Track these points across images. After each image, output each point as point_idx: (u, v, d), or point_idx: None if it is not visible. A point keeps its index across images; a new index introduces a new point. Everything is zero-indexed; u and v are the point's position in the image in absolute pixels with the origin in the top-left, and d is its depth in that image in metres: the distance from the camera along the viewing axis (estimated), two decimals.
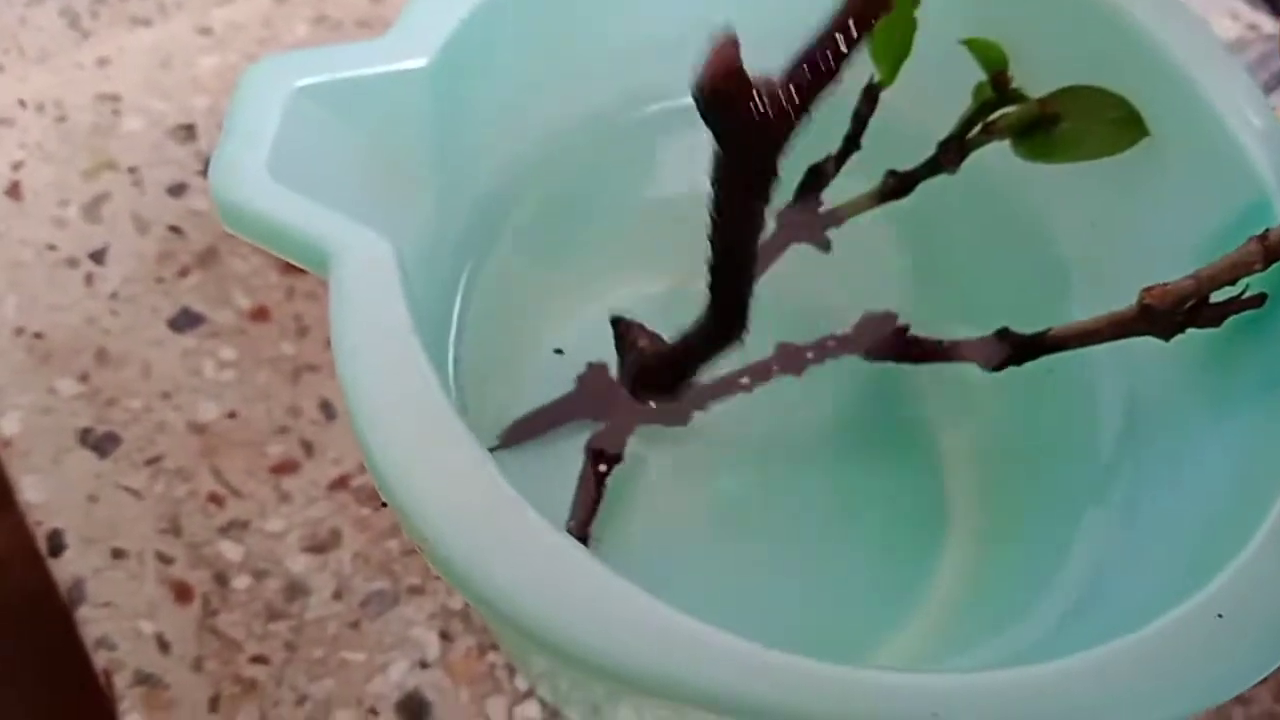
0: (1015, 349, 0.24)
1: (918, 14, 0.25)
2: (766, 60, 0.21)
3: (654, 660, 0.15)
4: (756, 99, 0.17)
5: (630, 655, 0.15)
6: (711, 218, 0.19)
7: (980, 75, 0.25)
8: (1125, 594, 0.22)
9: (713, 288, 0.21)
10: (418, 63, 0.19)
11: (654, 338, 0.25)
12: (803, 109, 0.17)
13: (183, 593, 0.29)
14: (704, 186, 0.28)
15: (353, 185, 0.19)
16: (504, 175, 0.24)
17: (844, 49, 0.17)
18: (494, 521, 0.15)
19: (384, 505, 0.22)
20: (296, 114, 0.18)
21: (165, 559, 0.29)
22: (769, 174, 0.18)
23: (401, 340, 0.16)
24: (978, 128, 0.25)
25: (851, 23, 0.17)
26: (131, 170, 0.35)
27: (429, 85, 0.20)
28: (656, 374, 0.25)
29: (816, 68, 0.17)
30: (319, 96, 0.19)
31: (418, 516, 0.15)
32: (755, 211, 0.19)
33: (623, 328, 0.25)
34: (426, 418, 0.16)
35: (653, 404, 0.26)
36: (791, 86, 0.17)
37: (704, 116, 0.17)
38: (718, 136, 0.18)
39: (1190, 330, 0.21)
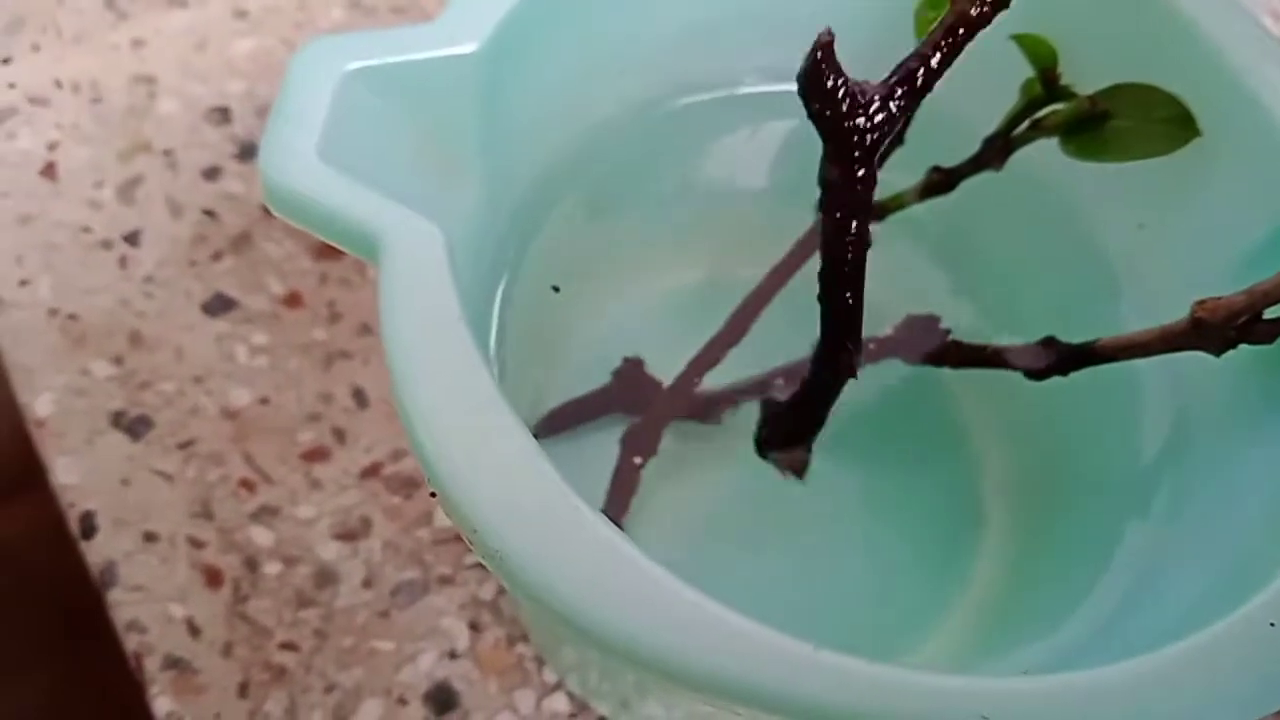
0: (1061, 358, 0.24)
1: None
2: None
3: (704, 659, 0.15)
4: (854, 102, 0.17)
5: (680, 653, 0.15)
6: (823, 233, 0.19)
7: (1026, 71, 0.25)
8: (1168, 603, 0.21)
9: (824, 314, 0.21)
10: (467, 48, 0.19)
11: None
12: (899, 116, 0.17)
13: (213, 578, 0.29)
14: (745, 177, 0.28)
15: (400, 171, 0.19)
16: (548, 164, 0.24)
17: (940, 63, 0.17)
18: (545, 515, 0.15)
19: (432, 495, 0.22)
20: (346, 98, 0.18)
21: (196, 543, 0.29)
22: (869, 181, 0.18)
23: (452, 330, 0.16)
24: (1025, 124, 0.25)
25: (952, 35, 0.17)
26: (166, 153, 0.35)
27: (478, 71, 0.20)
28: (785, 423, 0.25)
29: (914, 78, 0.17)
30: (368, 80, 0.19)
31: (468, 507, 0.15)
32: (862, 226, 0.19)
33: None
34: (477, 408, 0.16)
35: (779, 457, 0.25)
36: (891, 92, 0.17)
37: (812, 118, 0.17)
38: (824, 136, 0.18)
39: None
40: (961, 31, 0.18)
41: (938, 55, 0.18)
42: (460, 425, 0.15)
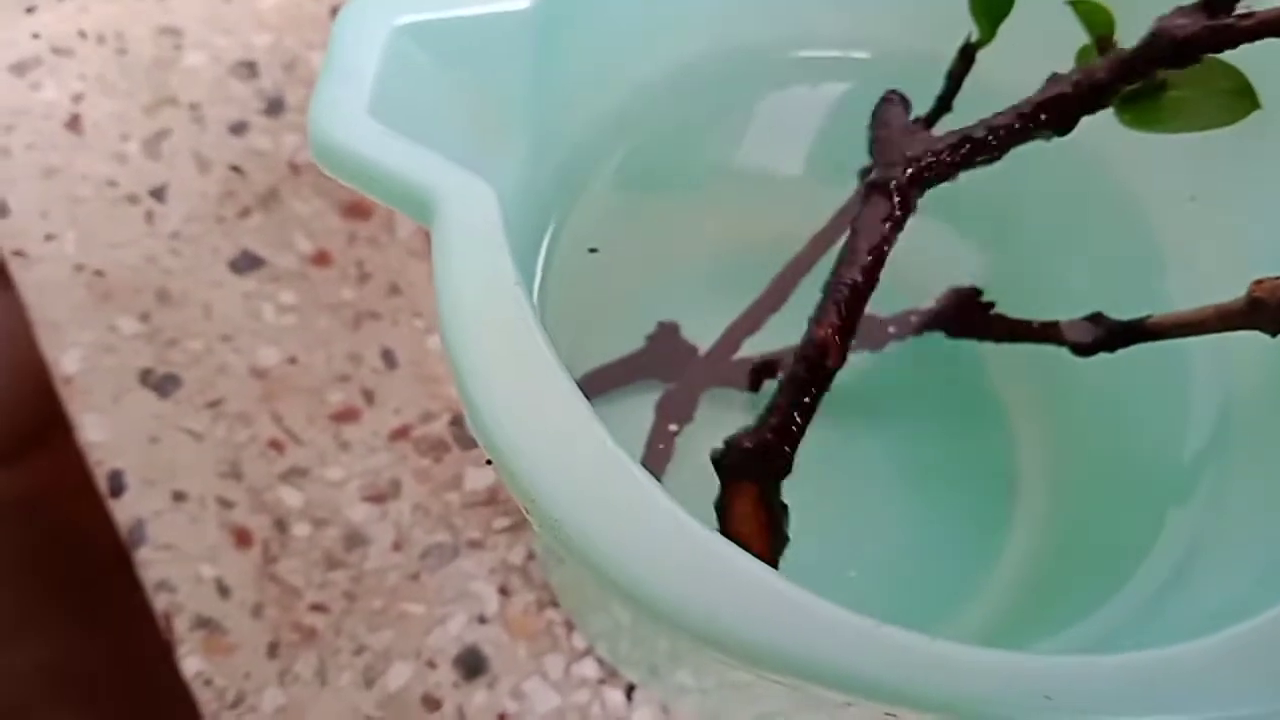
0: (1110, 334, 0.23)
1: None
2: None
3: (764, 633, 0.15)
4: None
5: (740, 627, 0.15)
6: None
7: (1079, 38, 0.25)
8: (1210, 591, 0.21)
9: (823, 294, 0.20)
10: (521, 4, 0.19)
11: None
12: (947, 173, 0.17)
13: (243, 538, 0.28)
14: (789, 143, 0.27)
15: (450, 129, 0.18)
16: (592, 125, 0.23)
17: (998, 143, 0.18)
18: (604, 484, 0.15)
19: (488, 462, 0.22)
20: (396, 54, 0.18)
21: (226, 503, 0.29)
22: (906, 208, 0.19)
23: (508, 295, 0.16)
24: None
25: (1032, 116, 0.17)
26: (193, 107, 0.34)
27: (530, 29, 0.19)
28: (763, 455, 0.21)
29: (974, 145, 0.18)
30: (418, 36, 0.18)
31: (525, 475, 0.15)
32: (889, 232, 0.19)
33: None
34: (534, 376, 0.15)
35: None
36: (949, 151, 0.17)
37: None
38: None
39: None
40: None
41: (997, 136, 0.18)
42: (517, 393, 0.15)
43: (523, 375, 0.15)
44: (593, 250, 0.25)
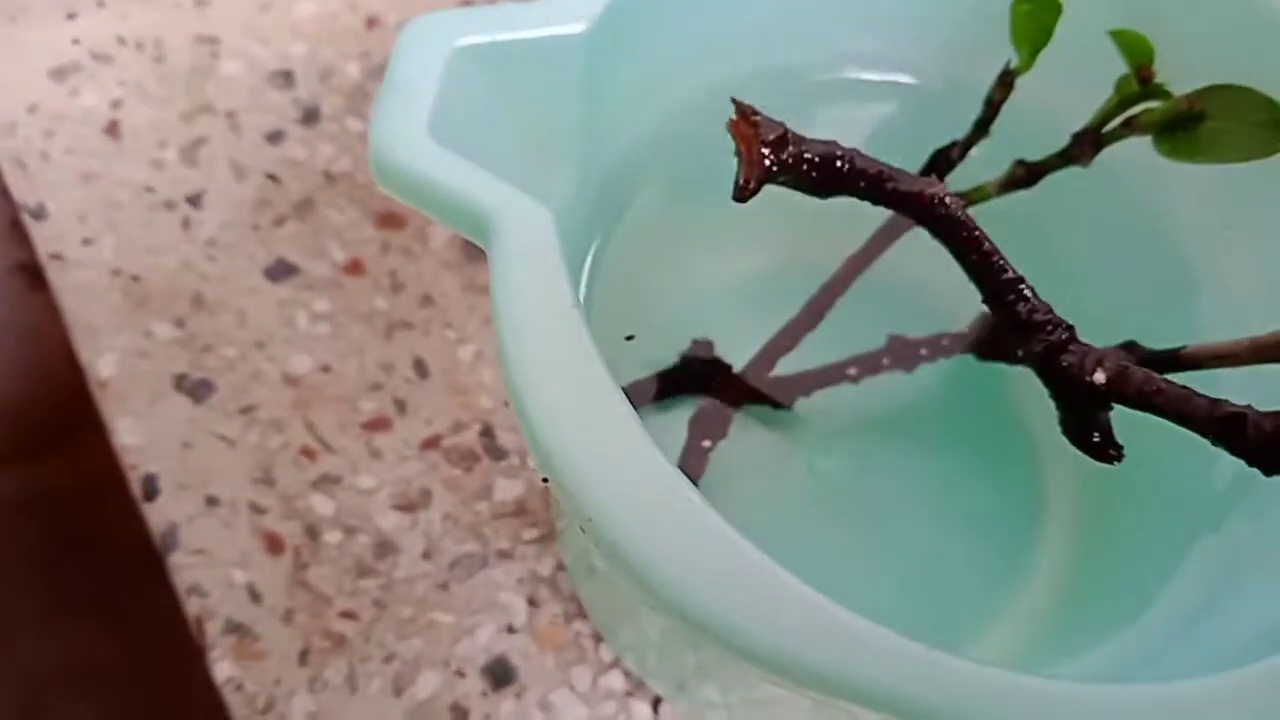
0: (1143, 363, 0.23)
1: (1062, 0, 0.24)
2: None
3: (814, 654, 0.15)
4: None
5: (792, 649, 0.15)
6: None
7: (1117, 68, 0.25)
8: (1239, 622, 0.21)
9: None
10: (576, 28, 0.19)
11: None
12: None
13: (274, 544, 0.29)
14: None
15: (506, 150, 0.19)
16: (635, 145, 0.24)
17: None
18: (660, 506, 0.15)
19: (544, 481, 0.22)
20: (455, 74, 0.18)
21: (258, 509, 0.29)
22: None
23: (566, 316, 0.16)
24: (1117, 121, 0.25)
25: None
26: (229, 115, 0.35)
27: (582, 51, 0.19)
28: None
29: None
30: (476, 57, 0.18)
31: (583, 495, 0.15)
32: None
33: None
34: (592, 398, 0.16)
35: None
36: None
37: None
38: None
39: None
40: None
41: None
42: (575, 415, 0.15)
43: (580, 398, 0.16)
44: (629, 338, 0.26)
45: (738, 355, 0.27)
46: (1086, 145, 0.25)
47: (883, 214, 0.27)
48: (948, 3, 0.26)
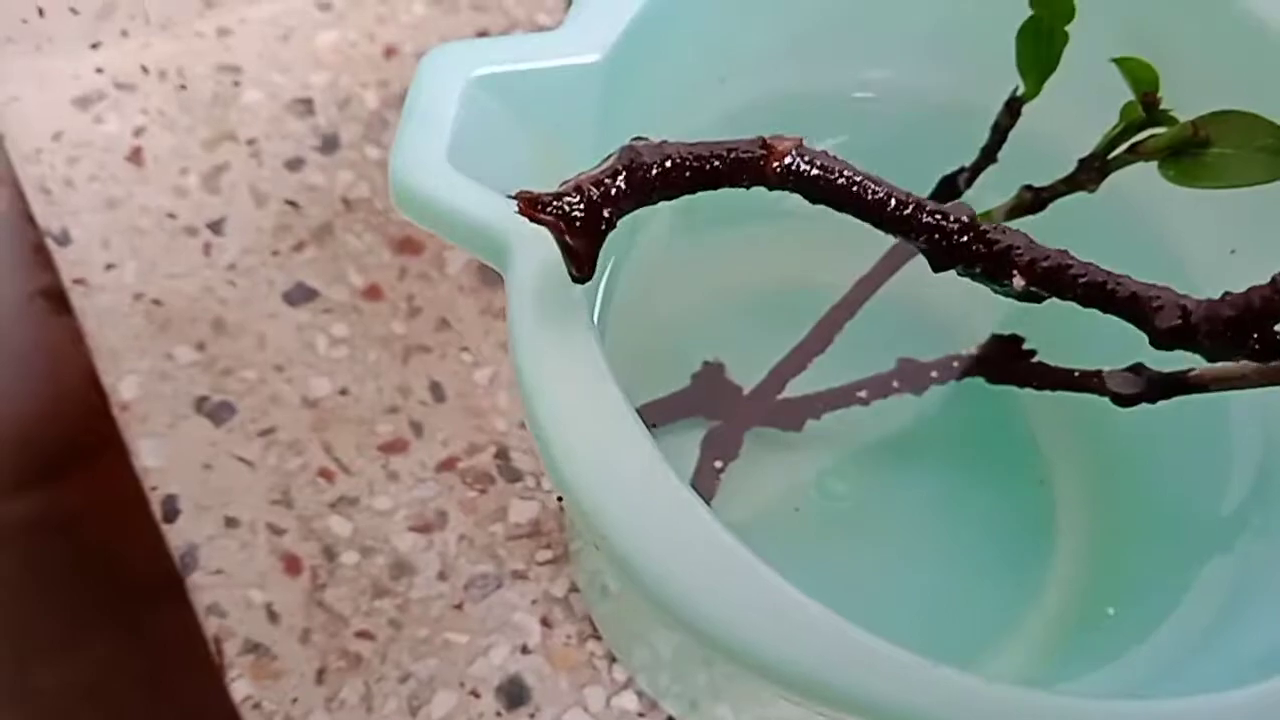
0: (1152, 385, 0.24)
1: (1068, 29, 0.24)
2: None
3: (826, 670, 0.15)
4: None
5: (803, 665, 0.15)
6: None
7: (1124, 94, 0.25)
8: (1260, 635, 0.22)
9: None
10: (591, 58, 0.20)
11: None
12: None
13: (292, 565, 0.29)
14: None
15: (522, 177, 0.19)
16: None
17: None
18: (672, 525, 0.15)
19: (558, 500, 0.23)
20: (473, 103, 0.19)
21: (276, 530, 0.29)
22: None
23: (581, 339, 0.16)
24: (1123, 147, 0.25)
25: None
26: (250, 142, 0.35)
27: (600, 81, 0.20)
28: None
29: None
30: (494, 86, 0.19)
31: (597, 516, 0.15)
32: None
33: None
34: (606, 419, 0.16)
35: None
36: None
37: None
38: None
39: None
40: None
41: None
42: (591, 438, 0.16)
43: (595, 419, 0.16)
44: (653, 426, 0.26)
45: (749, 377, 0.28)
46: (1093, 171, 0.25)
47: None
48: (955, 30, 0.26)
